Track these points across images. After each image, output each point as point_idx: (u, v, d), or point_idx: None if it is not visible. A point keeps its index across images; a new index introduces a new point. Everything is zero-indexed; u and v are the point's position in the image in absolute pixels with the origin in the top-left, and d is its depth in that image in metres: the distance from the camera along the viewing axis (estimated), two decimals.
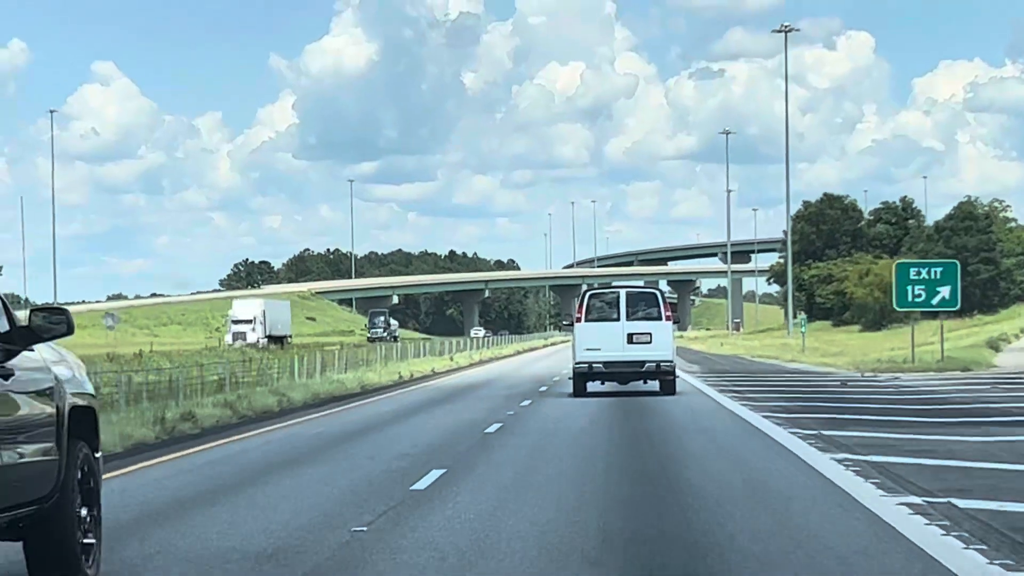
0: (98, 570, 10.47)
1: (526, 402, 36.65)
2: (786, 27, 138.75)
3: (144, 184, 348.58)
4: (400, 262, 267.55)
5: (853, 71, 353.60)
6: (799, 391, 40.27)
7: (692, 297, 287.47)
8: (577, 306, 37.55)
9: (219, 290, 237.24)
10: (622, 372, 37.34)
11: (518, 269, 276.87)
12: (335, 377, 48.69)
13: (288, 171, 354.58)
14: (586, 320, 37.08)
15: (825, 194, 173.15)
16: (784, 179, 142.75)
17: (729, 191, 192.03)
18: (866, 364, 58.39)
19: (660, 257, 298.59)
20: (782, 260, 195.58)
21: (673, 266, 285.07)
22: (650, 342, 36.64)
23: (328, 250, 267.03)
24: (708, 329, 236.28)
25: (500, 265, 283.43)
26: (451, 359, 72.92)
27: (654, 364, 36.71)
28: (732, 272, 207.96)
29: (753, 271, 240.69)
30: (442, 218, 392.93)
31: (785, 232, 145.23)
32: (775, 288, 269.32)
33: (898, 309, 57.43)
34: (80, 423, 10.36)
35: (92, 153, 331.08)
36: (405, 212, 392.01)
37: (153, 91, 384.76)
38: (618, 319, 36.96)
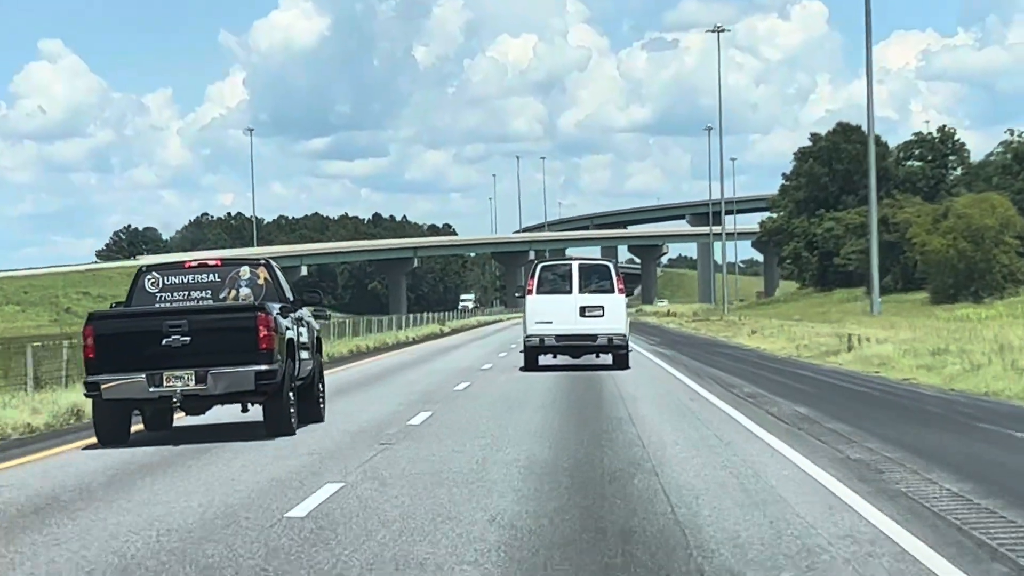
0: (324, 414, 22.02)
1: None
2: None
3: (93, 162, 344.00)
4: (314, 227, 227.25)
5: (806, 41, 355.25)
6: None
7: (656, 266, 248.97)
8: (528, 278, 37.18)
9: (96, 263, 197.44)
10: (574, 346, 36.42)
11: (455, 234, 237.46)
12: None
13: (239, 148, 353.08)
14: (538, 292, 36.37)
15: (839, 123, 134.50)
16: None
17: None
18: None
19: (619, 221, 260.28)
20: (775, 216, 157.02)
21: (634, 230, 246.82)
22: (602, 315, 35.86)
23: (229, 214, 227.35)
24: (698, 306, 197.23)
25: (434, 231, 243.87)
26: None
27: (606, 338, 35.83)
28: (712, 233, 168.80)
29: (732, 232, 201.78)
30: (395, 194, 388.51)
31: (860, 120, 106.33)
32: (749, 255, 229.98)
33: None
34: (318, 344, 22.53)
35: (40, 132, 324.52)
36: (358, 188, 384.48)
37: (101, 69, 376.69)
38: (570, 292, 36.27)
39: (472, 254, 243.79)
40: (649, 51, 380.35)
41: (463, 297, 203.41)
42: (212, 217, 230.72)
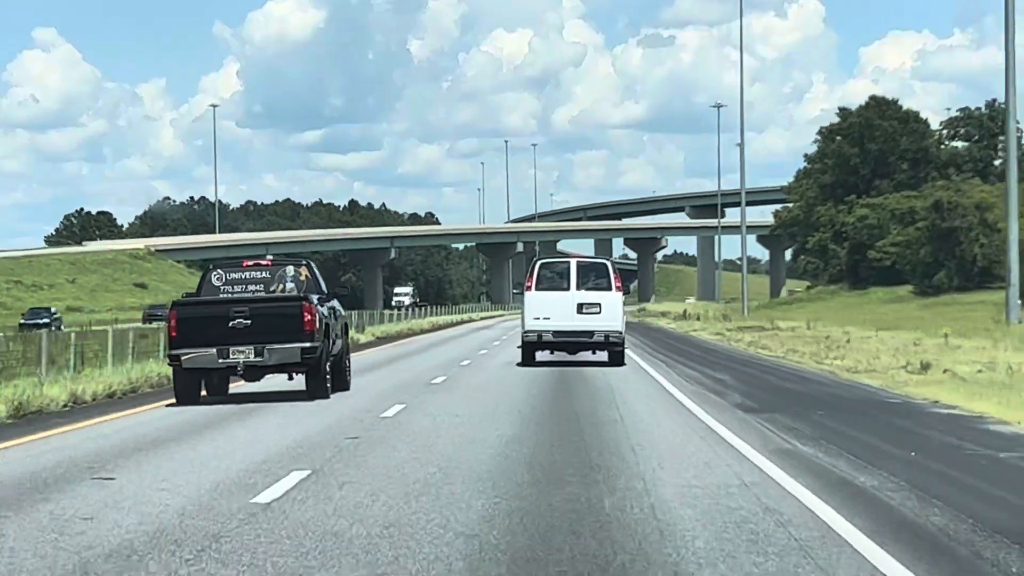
0: (350, 384, 27.78)
1: None
2: None
3: (86, 152, 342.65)
4: (284, 214, 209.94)
5: (803, 40, 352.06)
6: None
7: (653, 261, 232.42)
8: (527, 275, 37.93)
9: (42, 247, 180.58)
10: (571, 342, 37.12)
11: (438, 224, 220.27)
12: None
13: (232, 140, 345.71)
14: (536, 289, 37.12)
15: (872, 97, 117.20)
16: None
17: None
18: None
19: (614, 213, 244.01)
20: (791, 206, 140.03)
21: (629, 223, 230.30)
22: (599, 312, 36.54)
23: (191, 198, 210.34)
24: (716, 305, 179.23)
25: (415, 219, 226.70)
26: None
27: (603, 335, 36.59)
28: (720, 225, 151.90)
29: (738, 226, 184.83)
30: (388, 187, 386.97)
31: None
32: (748, 253, 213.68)
33: None
34: (346, 328, 28.35)
35: (33, 121, 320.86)
36: (351, 181, 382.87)
37: (95, 58, 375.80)
38: (568, 289, 36.89)
39: (457, 246, 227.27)
40: (644, 47, 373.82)
41: (398, 291, 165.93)
42: (174, 202, 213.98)
